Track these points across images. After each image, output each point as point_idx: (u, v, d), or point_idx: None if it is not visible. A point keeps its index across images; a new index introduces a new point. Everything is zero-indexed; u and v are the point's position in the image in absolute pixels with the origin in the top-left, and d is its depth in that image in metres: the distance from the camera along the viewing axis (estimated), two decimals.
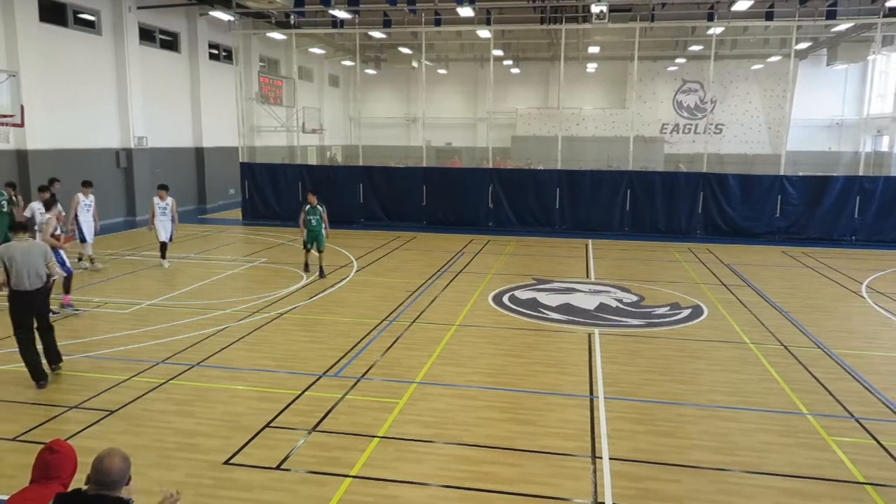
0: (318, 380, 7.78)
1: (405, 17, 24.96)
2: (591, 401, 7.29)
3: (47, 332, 7.76)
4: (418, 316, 10.65)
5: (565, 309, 11.19)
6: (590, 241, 18.77)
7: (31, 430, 6.36)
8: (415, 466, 5.75)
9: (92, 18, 20.34)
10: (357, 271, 14.16)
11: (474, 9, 21.99)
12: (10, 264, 7.33)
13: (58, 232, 10.99)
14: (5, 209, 13.93)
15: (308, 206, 13.55)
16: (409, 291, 12.23)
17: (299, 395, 7.29)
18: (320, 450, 6.03)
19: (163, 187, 14.51)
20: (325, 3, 21.33)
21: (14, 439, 6.17)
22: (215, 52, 26.92)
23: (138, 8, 21.45)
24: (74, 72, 19.40)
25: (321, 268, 13.49)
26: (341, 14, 23.27)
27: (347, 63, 38.13)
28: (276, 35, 27.05)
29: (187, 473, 5.59)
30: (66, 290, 10.85)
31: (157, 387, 7.48)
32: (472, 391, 7.53)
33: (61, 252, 10.69)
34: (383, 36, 29.57)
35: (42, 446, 3.73)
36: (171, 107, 24.19)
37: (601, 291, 12.53)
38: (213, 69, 26.26)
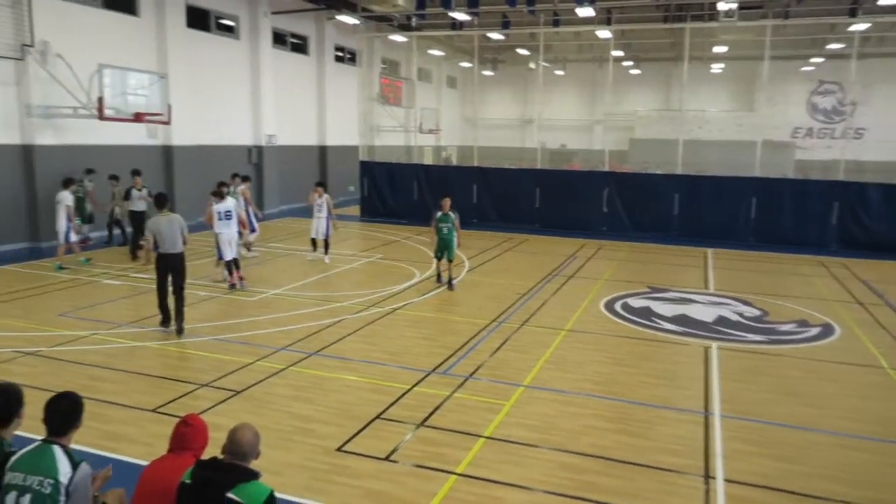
0: (427, 376, 7.96)
1: (524, 18, 24.95)
2: (706, 418, 6.99)
3: (179, 293, 9.42)
4: (528, 319, 10.62)
5: (681, 320, 10.78)
6: (709, 250, 17.92)
7: (168, 403, 6.95)
8: (520, 470, 5.76)
9: (231, 24, 21.81)
10: (469, 271, 14.31)
11: (594, 9, 21.61)
12: (158, 233, 9.23)
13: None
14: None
15: (440, 213, 12.64)
16: (520, 294, 12.22)
17: (409, 390, 7.48)
18: (427, 445, 6.17)
19: (320, 184, 15.07)
20: (446, 5, 21.68)
21: (153, 410, 6.76)
22: (340, 54, 28.08)
23: (272, 13, 22.77)
24: (214, 73, 20.89)
25: (450, 279, 12.67)
26: (461, 16, 23.58)
27: (465, 65, 38.60)
28: (398, 37, 27.82)
29: (303, 456, 5.89)
30: (237, 268, 12.07)
31: (277, 372, 7.94)
32: (579, 398, 7.43)
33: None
34: (501, 37, 29.66)
35: (177, 419, 4.08)
36: (299, 107, 25.48)
37: (720, 304, 11.95)
38: (338, 71, 27.40)
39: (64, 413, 3.77)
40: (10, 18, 14.37)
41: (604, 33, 24.59)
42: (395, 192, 22.64)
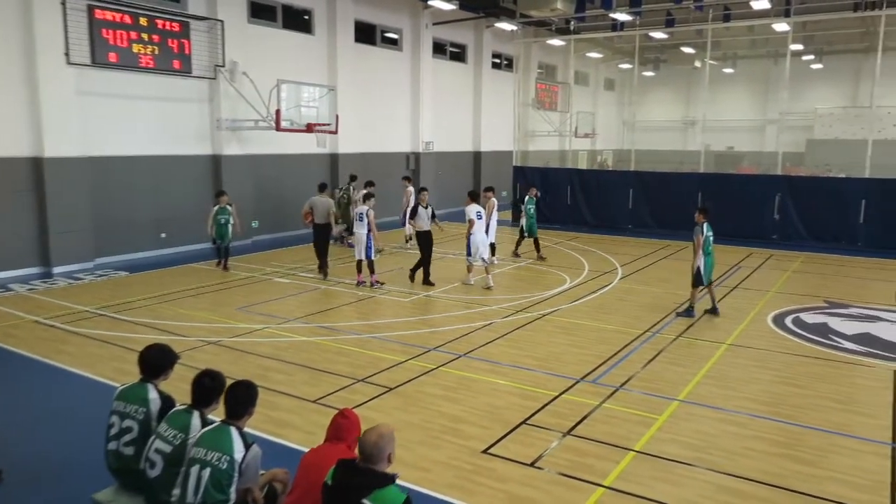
0: (575, 384, 7.81)
1: (690, 14, 23.74)
2: (894, 450, 6.22)
3: (324, 255, 13.62)
4: (685, 330, 10.08)
5: (865, 339, 9.68)
6: None
7: (328, 395, 7.40)
8: (673, 489, 5.47)
9: (395, 37, 22.87)
10: (622, 278, 13.86)
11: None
12: (313, 207, 13.50)
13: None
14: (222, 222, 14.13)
15: (700, 226, 10.80)
16: (677, 303, 11.63)
17: (556, 397, 7.38)
18: (574, 454, 6.05)
19: (489, 189, 15.34)
20: (607, 6, 21.19)
21: (314, 401, 7.24)
22: (497, 61, 28.39)
23: (434, 24, 23.56)
24: (377, 84, 22.00)
25: (713, 305, 10.99)
26: (622, 16, 22.93)
27: (624, 66, 37.47)
28: (556, 42, 27.62)
29: (449, 455, 6.01)
30: (371, 270, 12.66)
31: (428, 371, 8.18)
32: (741, 418, 6.91)
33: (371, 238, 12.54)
34: (665, 36, 28.44)
35: (335, 410, 4.34)
36: (455, 113, 26.13)
37: None
38: (494, 77, 27.73)
39: (240, 399, 4.17)
40: (207, 43, 16.13)
41: (781, 26, 22.67)
42: (548, 197, 22.42)
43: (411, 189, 17.60)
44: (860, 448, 6.28)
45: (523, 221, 15.99)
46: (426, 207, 13.53)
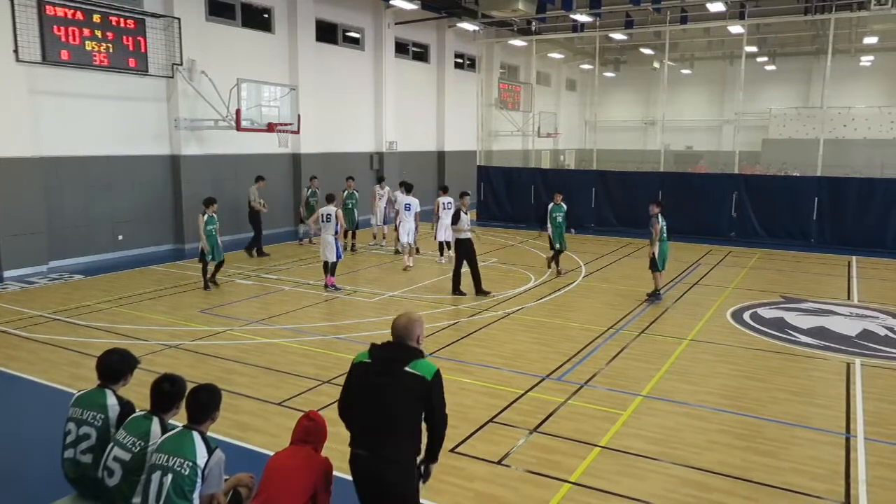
0: (541, 381, 7.86)
1: (649, 16, 24.15)
2: (847, 440, 6.41)
3: (257, 236, 15.70)
4: (647, 327, 10.23)
5: (819, 333, 9.97)
6: (853, 258, 16.47)
7: (292, 397, 7.31)
8: (638, 483, 5.54)
9: (357, 36, 22.72)
10: (585, 276, 14.01)
11: (726, 3, 20.52)
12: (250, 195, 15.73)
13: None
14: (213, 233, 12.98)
15: (655, 216, 11.67)
16: (639, 301, 11.80)
17: (522, 395, 7.42)
18: (541, 451, 6.08)
19: (443, 188, 15.99)
20: (567, 7, 21.41)
21: (279, 404, 7.14)
22: (460, 61, 28.45)
23: (396, 24, 23.48)
24: (340, 84, 21.83)
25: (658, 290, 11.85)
26: (582, 18, 23.20)
27: (585, 67, 37.93)
28: (518, 42, 27.80)
29: None
30: (332, 272, 12.47)
31: None
32: (704, 412, 7.04)
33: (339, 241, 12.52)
34: (624, 37, 28.89)
35: (300, 413, 4.28)
36: (419, 113, 26.09)
37: (866, 316, 10.94)
38: (457, 77, 27.77)
39: (202, 403, 4.07)
40: (163, 41, 15.79)
41: (736, 28, 23.23)
42: (512, 197, 22.58)
43: (388, 189, 17.50)
44: (816, 438, 6.46)
45: (550, 232, 14.06)
46: (466, 213, 12.54)
